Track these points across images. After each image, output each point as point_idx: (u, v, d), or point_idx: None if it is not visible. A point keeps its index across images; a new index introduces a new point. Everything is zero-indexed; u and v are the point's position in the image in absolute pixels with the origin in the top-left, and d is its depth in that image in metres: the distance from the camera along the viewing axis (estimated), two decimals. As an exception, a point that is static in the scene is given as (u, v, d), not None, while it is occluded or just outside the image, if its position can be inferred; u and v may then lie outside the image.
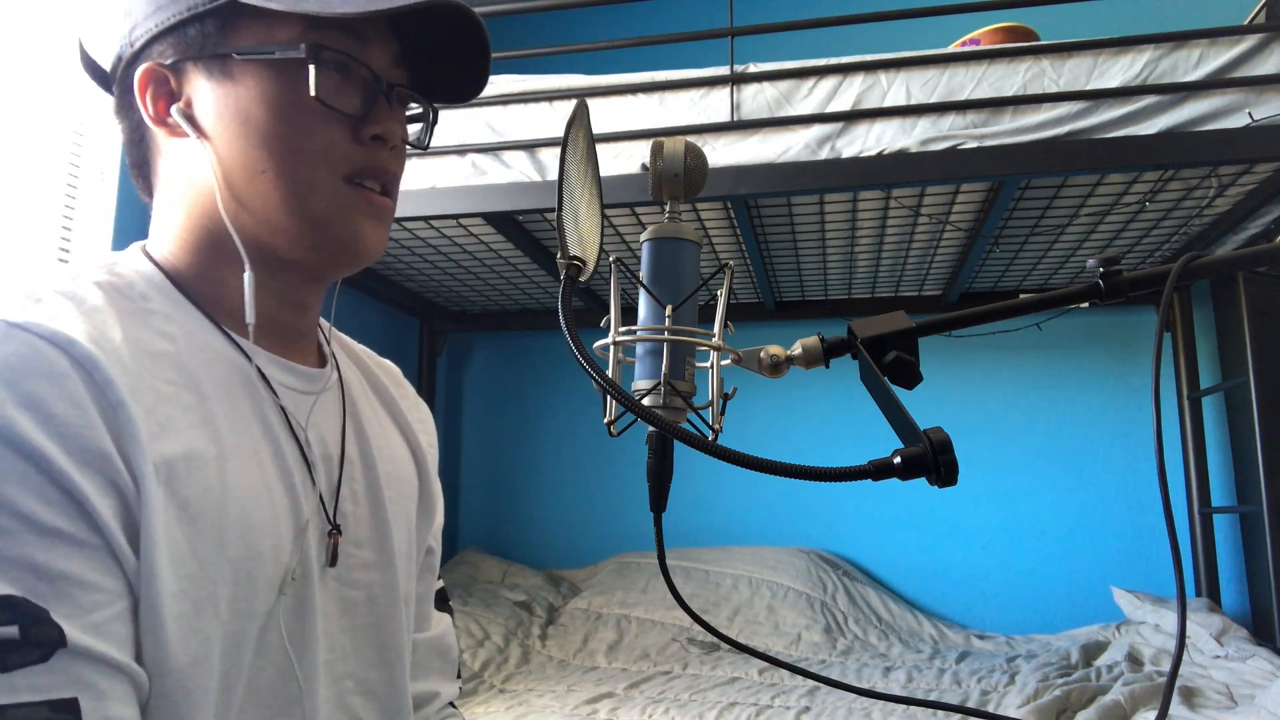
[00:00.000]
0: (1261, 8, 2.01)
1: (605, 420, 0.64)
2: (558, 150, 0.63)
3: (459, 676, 0.84)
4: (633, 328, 0.64)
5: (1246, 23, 2.02)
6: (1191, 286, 2.75)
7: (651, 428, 0.57)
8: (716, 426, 0.63)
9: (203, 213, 0.62)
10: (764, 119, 1.87)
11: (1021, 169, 1.77)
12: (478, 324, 3.31)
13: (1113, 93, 1.74)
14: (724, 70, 1.90)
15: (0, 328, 0.49)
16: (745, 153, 1.86)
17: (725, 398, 0.64)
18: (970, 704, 1.85)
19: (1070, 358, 2.89)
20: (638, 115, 1.94)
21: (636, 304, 0.66)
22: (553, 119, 1.95)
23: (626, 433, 0.62)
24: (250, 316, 0.60)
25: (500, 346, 3.42)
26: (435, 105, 0.71)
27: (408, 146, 0.68)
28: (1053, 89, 1.78)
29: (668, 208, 0.67)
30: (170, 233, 0.64)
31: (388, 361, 0.84)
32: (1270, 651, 2.03)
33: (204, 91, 0.61)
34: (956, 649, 2.45)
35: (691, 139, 0.96)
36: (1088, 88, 1.77)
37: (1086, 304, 0.65)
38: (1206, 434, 2.67)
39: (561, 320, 0.56)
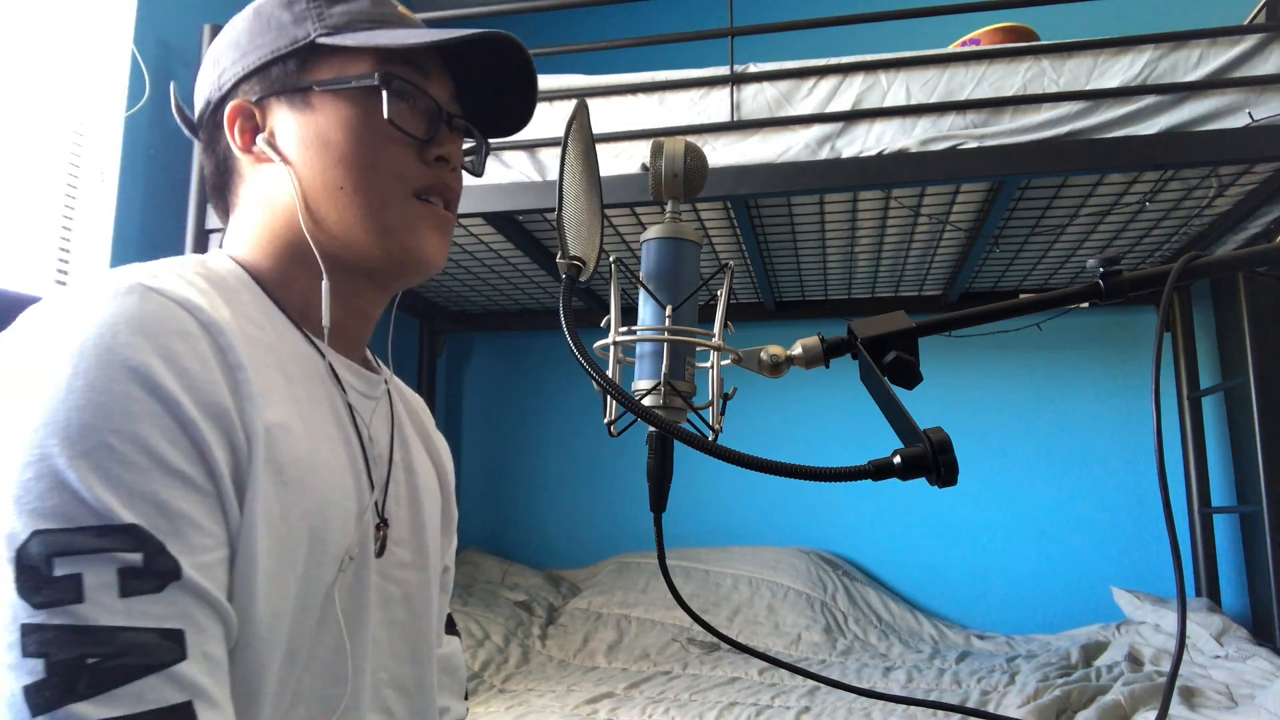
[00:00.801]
0: (1261, 8, 2.01)
1: (605, 420, 0.64)
2: (558, 150, 0.64)
3: (466, 697, 0.88)
4: (633, 328, 0.64)
5: (1246, 23, 2.01)
6: (1191, 286, 2.75)
7: (651, 428, 0.57)
8: (716, 426, 0.63)
9: (284, 227, 0.68)
10: (764, 119, 1.87)
11: (1021, 169, 1.77)
12: (478, 324, 3.31)
13: (1113, 93, 1.74)
14: (724, 70, 1.90)
15: (139, 289, 0.53)
16: (745, 153, 1.86)
17: (725, 398, 0.64)
18: (970, 704, 1.85)
19: (1070, 358, 2.89)
20: (638, 115, 1.94)
21: (636, 304, 0.66)
22: (553, 119, 1.95)
23: (626, 433, 0.62)
24: (326, 320, 0.66)
25: (500, 346, 3.42)
26: (487, 139, 0.78)
27: (465, 172, 0.76)
28: (1053, 89, 1.78)
29: (668, 208, 0.67)
30: (250, 243, 0.69)
31: (416, 395, 0.90)
32: (1270, 651, 2.03)
33: (286, 121, 0.68)
34: (956, 649, 2.45)
35: (691, 139, 0.96)
36: (1088, 88, 1.77)
37: (1086, 304, 0.65)
38: (1206, 434, 2.67)
39: (562, 320, 0.56)
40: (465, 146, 0.77)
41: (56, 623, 0.45)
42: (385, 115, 0.66)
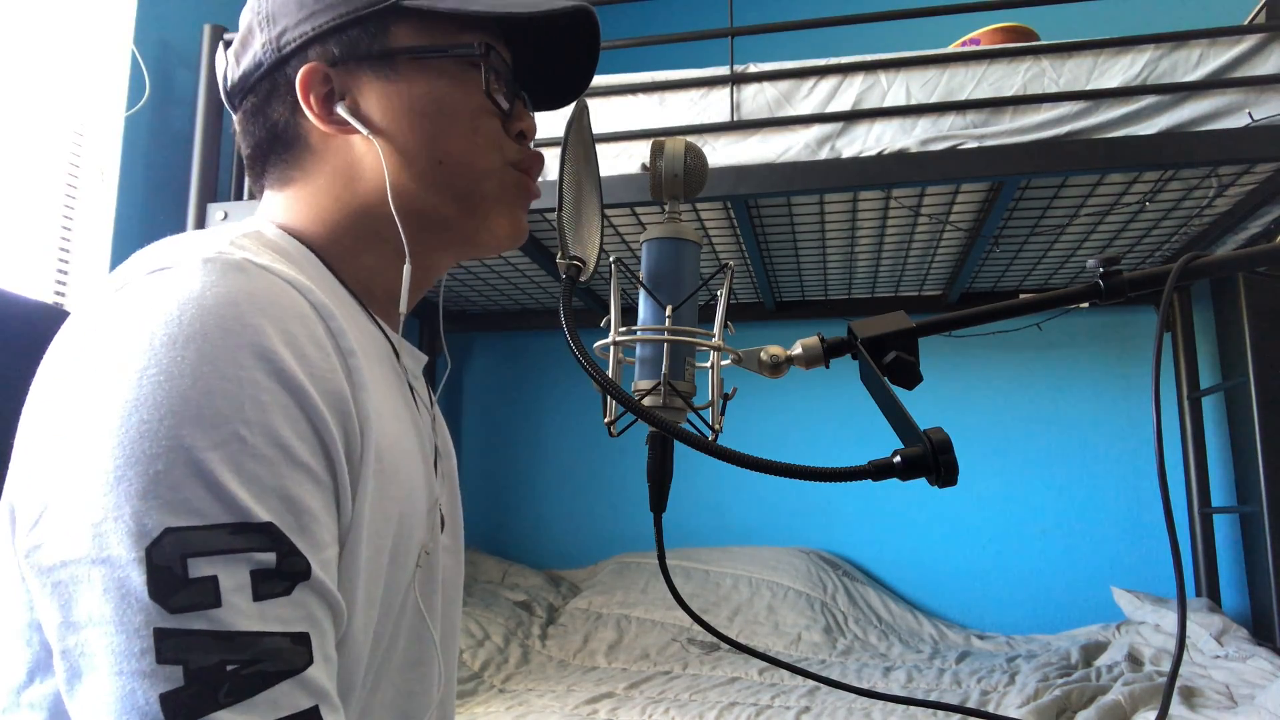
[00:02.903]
0: (1261, 8, 2.01)
1: (605, 420, 0.64)
2: (558, 150, 0.63)
3: None
4: (633, 328, 0.64)
5: (1246, 23, 2.01)
6: (1191, 286, 2.75)
7: (651, 428, 0.57)
8: (716, 426, 0.63)
9: (362, 203, 0.64)
10: (764, 119, 1.87)
11: (1021, 169, 1.77)
12: (478, 324, 3.31)
13: (1113, 93, 1.74)
14: (724, 70, 1.90)
15: (250, 267, 0.50)
16: (745, 153, 1.86)
17: (725, 398, 0.64)
18: (970, 704, 1.85)
19: (1070, 358, 2.89)
20: (638, 115, 1.94)
21: (636, 304, 0.66)
22: (553, 119, 1.94)
23: (626, 433, 0.62)
24: (404, 306, 0.63)
25: (500, 346, 3.42)
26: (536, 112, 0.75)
27: None
28: (1053, 89, 1.78)
29: (668, 208, 0.67)
30: (309, 215, 0.64)
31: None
32: (1270, 651, 2.03)
33: (372, 89, 0.63)
34: (956, 649, 2.45)
35: (691, 139, 0.96)
36: (1088, 88, 1.77)
37: (1086, 304, 0.65)
38: (1206, 434, 2.67)
39: (562, 320, 0.56)
40: None
41: (195, 627, 0.42)
42: (484, 87, 0.64)
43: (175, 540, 0.43)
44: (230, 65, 0.67)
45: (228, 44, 0.69)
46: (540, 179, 0.71)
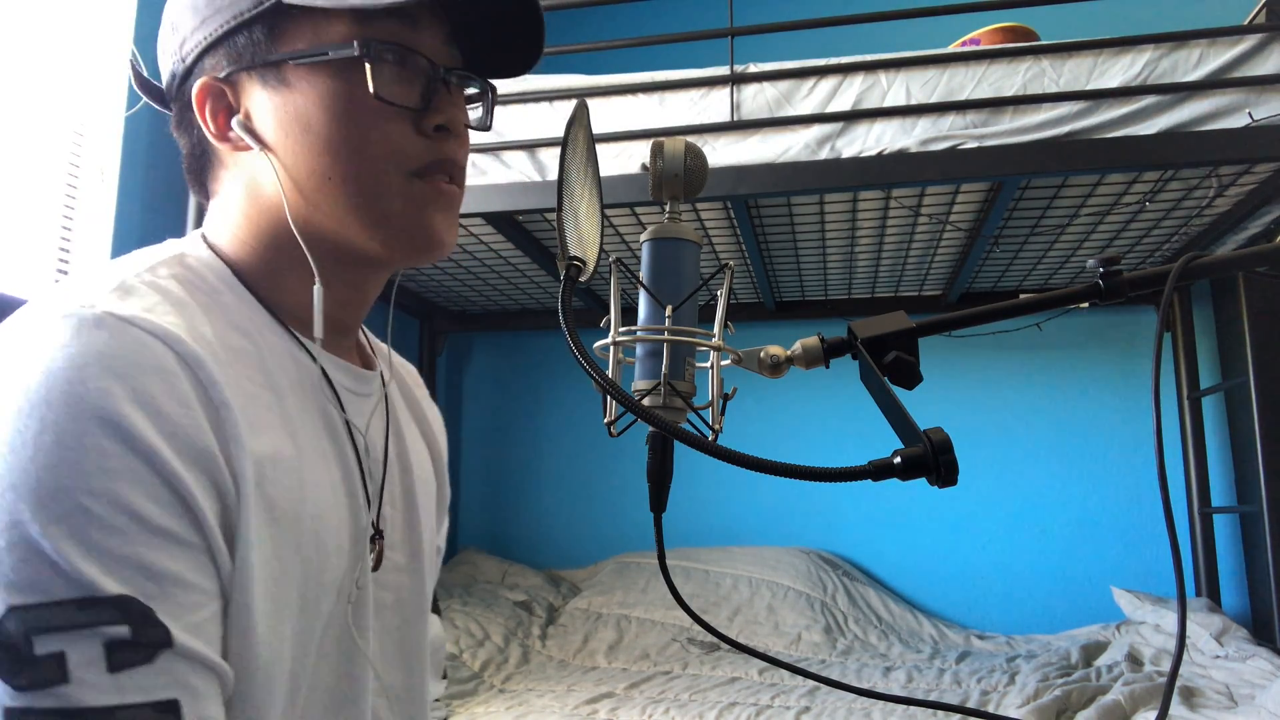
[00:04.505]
0: (1261, 8, 2.01)
1: (605, 420, 0.64)
2: (558, 150, 0.63)
3: (444, 676, 0.85)
4: (632, 328, 0.64)
5: (1246, 23, 2.01)
6: (1191, 286, 2.75)
7: (651, 428, 0.57)
8: (716, 426, 0.63)
9: (270, 220, 0.61)
10: (764, 119, 1.86)
11: (1021, 169, 1.77)
12: (478, 324, 3.31)
13: (1113, 93, 1.74)
14: (724, 70, 1.90)
15: (109, 321, 0.48)
16: (745, 153, 1.86)
17: (725, 398, 0.64)
18: (970, 704, 1.85)
19: (1070, 358, 2.89)
20: (638, 115, 1.94)
21: (636, 304, 0.66)
22: (553, 119, 1.95)
23: (626, 433, 0.62)
24: (318, 330, 0.59)
25: (500, 346, 3.42)
26: (491, 82, 0.69)
27: (470, 130, 0.67)
28: (1053, 89, 1.78)
29: (668, 208, 0.67)
30: (231, 232, 0.63)
31: (407, 362, 0.84)
32: (1270, 651, 2.03)
33: (261, 101, 0.60)
34: (956, 649, 2.45)
35: (691, 139, 0.96)
36: (1088, 88, 1.77)
37: (1086, 304, 0.65)
38: (1206, 434, 2.67)
39: (562, 320, 0.56)
40: (469, 94, 0.67)
41: (43, 706, 0.42)
42: (371, 90, 0.58)
43: (19, 618, 0.42)
44: (161, 71, 0.66)
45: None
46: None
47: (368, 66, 0.58)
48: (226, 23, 0.59)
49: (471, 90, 0.68)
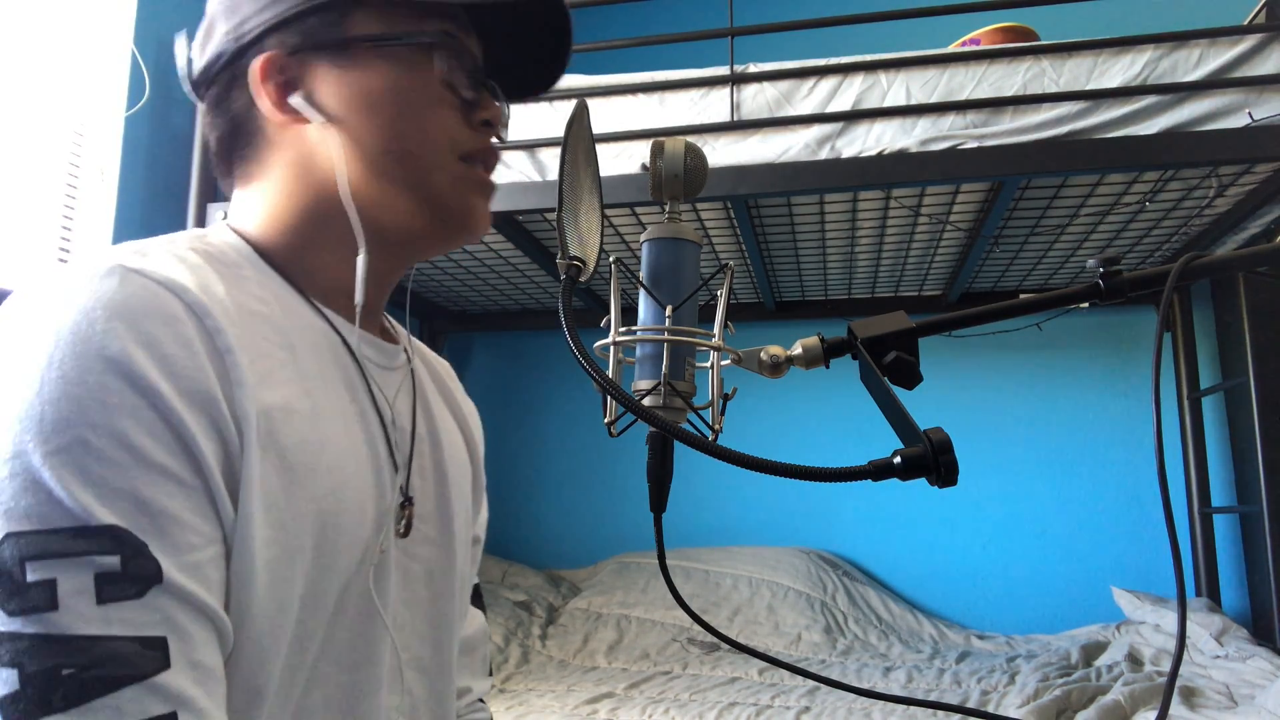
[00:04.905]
0: (1261, 8, 2.01)
1: (605, 420, 0.64)
2: (558, 150, 0.63)
3: (490, 674, 0.85)
4: (633, 328, 0.64)
5: (1246, 23, 2.02)
6: (1191, 286, 2.75)
7: (652, 428, 0.57)
8: (716, 426, 0.63)
9: (315, 196, 0.64)
10: (764, 119, 1.87)
11: (1021, 169, 1.77)
12: (478, 324, 3.31)
13: (1113, 93, 1.74)
14: (724, 70, 1.90)
15: (118, 271, 0.50)
16: (745, 153, 1.86)
17: (725, 398, 0.64)
18: (970, 704, 1.85)
19: (1070, 358, 2.89)
20: (638, 115, 1.94)
21: (636, 304, 0.66)
22: (553, 119, 1.95)
23: (626, 433, 0.62)
24: (359, 296, 0.62)
25: (500, 346, 3.42)
26: (508, 102, 0.73)
27: None
28: (1053, 89, 1.78)
29: (668, 208, 0.67)
30: (264, 213, 0.65)
31: (441, 359, 0.86)
32: (1270, 651, 2.03)
33: (327, 78, 0.63)
34: (956, 649, 2.45)
35: (691, 139, 0.96)
36: (1088, 88, 1.77)
37: (1086, 304, 0.65)
38: (1206, 434, 2.67)
39: (562, 320, 0.56)
40: None
41: (30, 631, 0.43)
42: (440, 76, 0.63)
43: (14, 545, 0.44)
44: (195, 56, 0.67)
45: (191, 35, 0.68)
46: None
47: (439, 54, 0.64)
48: (300, 4, 0.63)
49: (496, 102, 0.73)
